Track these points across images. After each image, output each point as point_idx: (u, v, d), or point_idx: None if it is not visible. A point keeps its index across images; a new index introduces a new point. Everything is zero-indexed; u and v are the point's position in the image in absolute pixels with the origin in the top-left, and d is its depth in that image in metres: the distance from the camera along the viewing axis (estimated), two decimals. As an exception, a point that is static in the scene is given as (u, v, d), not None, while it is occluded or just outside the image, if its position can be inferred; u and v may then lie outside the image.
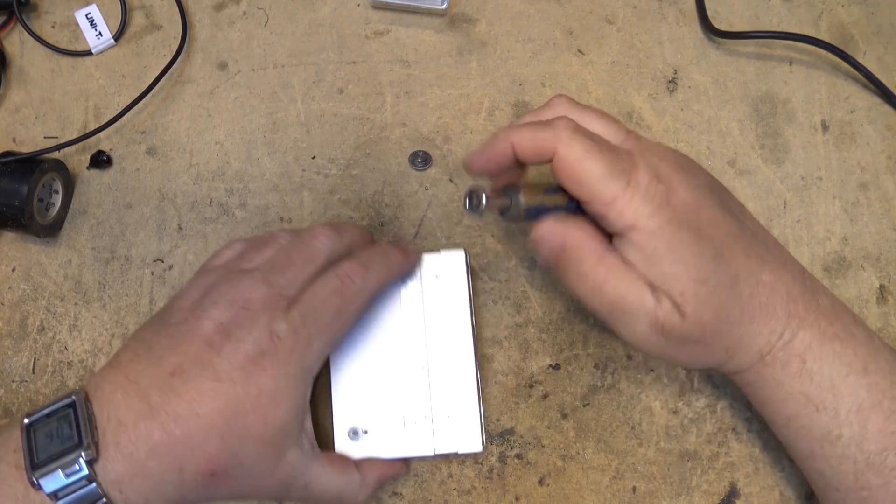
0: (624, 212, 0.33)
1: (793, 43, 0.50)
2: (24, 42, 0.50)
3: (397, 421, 0.40)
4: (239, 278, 0.36)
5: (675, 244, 0.33)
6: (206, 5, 0.51)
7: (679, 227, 0.33)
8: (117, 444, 0.32)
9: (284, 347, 0.35)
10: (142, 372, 0.34)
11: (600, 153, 0.33)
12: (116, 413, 0.33)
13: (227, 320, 0.35)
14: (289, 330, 0.35)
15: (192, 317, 0.35)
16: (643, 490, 0.41)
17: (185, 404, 0.33)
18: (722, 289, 0.34)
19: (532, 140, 0.35)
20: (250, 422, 0.34)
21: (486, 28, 0.51)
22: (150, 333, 0.36)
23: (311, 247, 0.38)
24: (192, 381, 0.33)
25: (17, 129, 0.48)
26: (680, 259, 0.33)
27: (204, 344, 0.34)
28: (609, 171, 0.33)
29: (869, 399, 0.34)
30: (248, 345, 0.34)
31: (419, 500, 0.41)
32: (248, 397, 0.34)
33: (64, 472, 0.31)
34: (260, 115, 0.48)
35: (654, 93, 0.49)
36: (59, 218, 0.46)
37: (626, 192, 0.33)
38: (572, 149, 0.33)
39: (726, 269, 0.34)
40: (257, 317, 0.35)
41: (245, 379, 0.34)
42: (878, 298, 0.45)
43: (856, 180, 0.48)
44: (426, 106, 0.49)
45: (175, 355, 0.34)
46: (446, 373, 0.41)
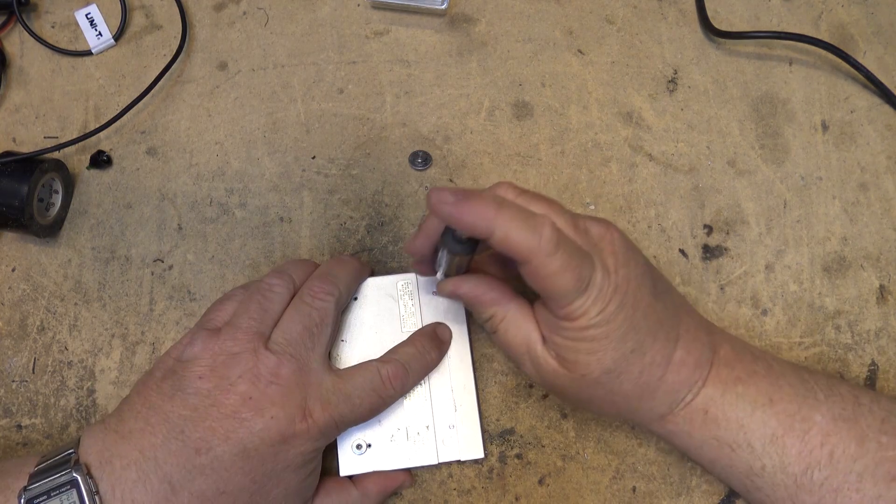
0: (574, 312, 0.33)
1: (793, 43, 0.50)
2: (24, 42, 0.50)
3: (400, 433, 0.40)
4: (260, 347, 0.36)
5: (603, 338, 0.34)
6: (206, 5, 0.51)
7: (613, 325, 0.34)
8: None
9: (317, 427, 0.35)
10: (160, 447, 0.33)
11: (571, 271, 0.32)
12: (132, 495, 0.32)
13: (258, 396, 0.34)
14: (323, 412, 0.35)
15: (216, 389, 0.34)
16: (643, 490, 0.41)
17: (212, 483, 0.32)
18: (626, 376, 0.35)
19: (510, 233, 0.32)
20: (273, 495, 0.34)
21: (486, 28, 0.51)
22: (163, 400, 0.34)
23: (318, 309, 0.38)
24: (220, 458, 0.33)
25: (17, 129, 0.48)
26: (598, 351, 0.34)
27: (233, 420, 0.33)
28: (576, 287, 0.33)
29: (780, 427, 0.35)
30: (280, 422, 0.34)
31: (419, 500, 0.41)
32: (275, 473, 0.34)
33: None
34: (260, 115, 0.48)
35: (654, 93, 0.49)
36: (59, 218, 0.46)
37: (582, 298, 0.33)
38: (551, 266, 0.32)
39: (639, 361, 0.35)
40: (290, 394, 0.35)
41: (274, 456, 0.34)
42: (878, 298, 0.45)
43: (856, 180, 0.48)
44: (426, 106, 0.49)
45: (199, 430, 0.33)
46: (446, 384, 0.41)
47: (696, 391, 0.36)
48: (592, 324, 0.33)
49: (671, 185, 0.47)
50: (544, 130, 0.48)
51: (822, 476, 0.34)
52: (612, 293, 0.33)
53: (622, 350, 0.34)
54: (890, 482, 0.34)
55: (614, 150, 0.48)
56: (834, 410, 0.35)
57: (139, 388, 0.36)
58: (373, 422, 0.40)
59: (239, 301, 0.38)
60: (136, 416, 0.34)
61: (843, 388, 0.37)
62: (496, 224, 0.32)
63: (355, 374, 0.37)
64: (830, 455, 0.34)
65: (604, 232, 0.35)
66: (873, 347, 0.44)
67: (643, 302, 0.34)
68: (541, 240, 0.32)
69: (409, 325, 0.42)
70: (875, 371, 0.44)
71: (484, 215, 0.32)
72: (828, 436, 0.35)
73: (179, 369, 0.35)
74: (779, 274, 0.46)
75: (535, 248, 0.32)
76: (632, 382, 0.35)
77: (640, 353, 0.35)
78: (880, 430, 0.35)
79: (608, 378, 0.35)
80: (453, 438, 0.40)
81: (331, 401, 0.36)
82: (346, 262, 0.41)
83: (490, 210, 0.32)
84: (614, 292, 0.33)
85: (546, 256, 0.32)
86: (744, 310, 0.45)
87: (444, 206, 0.32)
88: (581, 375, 0.35)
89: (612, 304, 0.33)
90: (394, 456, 0.40)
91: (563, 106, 0.49)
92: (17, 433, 0.42)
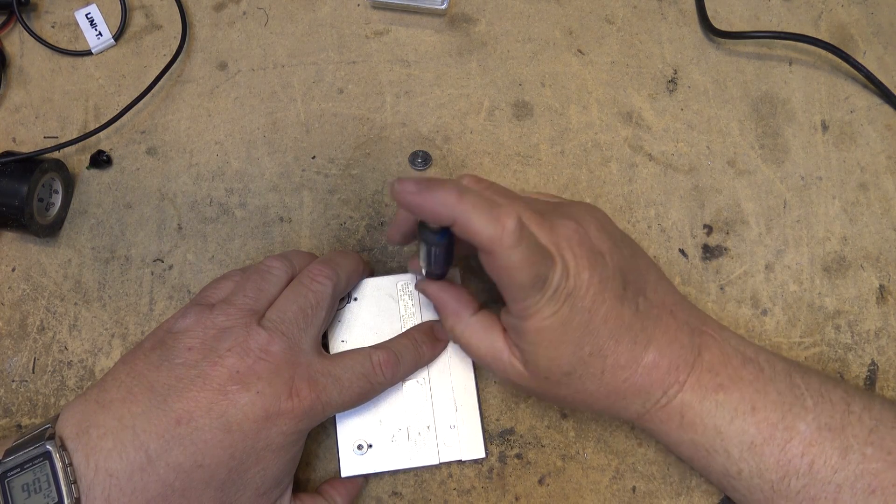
0: (528, 308, 0.33)
1: (793, 43, 0.50)
2: (24, 42, 0.50)
3: (401, 433, 0.40)
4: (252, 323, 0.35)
5: (558, 342, 0.34)
6: (206, 5, 0.51)
7: (568, 328, 0.33)
8: (107, 498, 0.31)
9: (302, 407, 0.34)
10: (139, 416, 0.32)
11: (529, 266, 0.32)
12: (106, 463, 0.31)
13: (245, 370, 0.34)
14: (310, 392, 0.35)
15: (204, 361, 0.34)
16: (643, 490, 0.41)
17: (190, 455, 0.32)
18: (588, 378, 0.35)
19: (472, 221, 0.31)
20: (251, 475, 0.33)
21: (486, 28, 0.51)
22: (149, 369, 0.34)
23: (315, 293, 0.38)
24: (201, 430, 0.32)
25: (17, 129, 0.48)
26: (556, 354, 0.34)
27: (218, 392, 0.33)
28: (533, 283, 0.32)
29: (760, 435, 0.35)
30: (266, 398, 0.33)
31: (419, 500, 0.41)
32: (255, 451, 0.33)
33: None
34: (260, 115, 0.48)
35: (654, 93, 0.49)
36: (59, 218, 0.46)
37: (536, 297, 0.33)
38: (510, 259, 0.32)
39: (600, 363, 0.34)
40: (279, 370, 0.34)
41: (256, 432, 0.33)
42: (878, 298, 0.45)
43: (856, 180, 0.48)
44: (426, 106, 0.49)
45: (182, 400, 0.32)
46: (447, 384, 0.41)
47: (672, 395, 0.35)
48: (545, 325, 0.33)
49: (671, 185, 0.47)
50: (544, 130, 0.48)
51: (799, 484, 0.34)
52: (566, 296, 0.33)
53: (579, 354, 0.34)
54: (868, 495, 0.33)
55: (614, 150, 0.48)
56: (820, 419, 0.35)
57: (126, 358, 0.35)
58: (373, 422, 0.40)
59: (236, 281, 0.38)
60: (119, 386, 0.34)
61: (835, 395, 0.36)
62: (458, 211, 0.31)
63: (346, 358, 0.37)
64: (810, 465, 0.34)
65: (572, 232, 0.34)
66: (873, 347, 0.44)
67: (605, 306, 0.34)
68: (503, 231, 0.31)
69: (409, 326, 0.42)
70: (875, 371, 0.44)
71: (445, 202, 0.31)
72: (810, 446, 0.34)
73: (169, 340, 0.35)
74: (779, 274, 0.46)
75: (496, 238, 0.31)
76: (595, 383, 0.35)
77: (599, 357, 0.34)
78: (866, 441, 0.34)
79: (569, 380, 0.35)
80: (454, 438, 0.41)
81: (319, 381, 0.35)
82: (348, 253, 0.42)
83: (451, 197, 0.31)
84: (569, 295, 0.33)
85: (507, 248, 0.31)
86: (744, 310, 0.45)
87: (406, 195, 0.32)
88: (544, 378, 0.35)
89: (565, 306, 0.33)
90: (395, 456, 0.40)
91: (563, 106, 0.49)
92: (16, 433, 0.42)
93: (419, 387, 0.41)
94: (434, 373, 0.41)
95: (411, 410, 0.41)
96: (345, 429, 0.40)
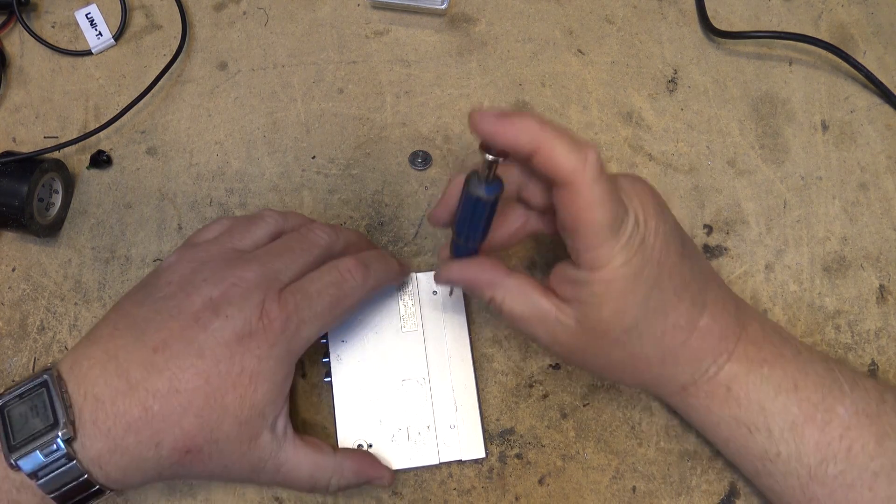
0: (600, 258, 0.32)
1: (793, 43, 0.50)
2: (24, 42, 0.50)
3: (401, 433, 0.40)
4: (232, 257, 0.36)
5: (627, 293, 0.33)
6: (206, 5, 0.51)
7: (638, 279, 0.33)
8: (94, 421, 0.32)
9: (273, 329, 0.34)
10: (122, 347, 0.34)
11: (610, 204, 0.31)
12: (93, 390, 0.33)
13: (218, 296, 0.34)
14: (280, 311, 0.35)
15: (181, 292, 0.35)
16: (643, 490, 0.41)
17: (166, 380, 0.33)
18: (647, 337, 0.34)
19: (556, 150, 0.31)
20: (229, 400, 0.34)
21: (486, 28, 0.51)
22: (134, 306, 0.36)
23: (308, 239, 0.38)
24: (175, 357, 0.33)
25: (17, 128, 0.48)
26: (622, 306, 0.33)
27: (192, 320, 0.34)
28: (610, 225, 0.32)
29: (801, 415, 0.35)
30: (236, 322, 0.34)
31: (419, 500, 0.41)
32: (230, 375, 0.34)
33: (42, 452, 0.32)
34: (260, 115, 0.48)
35: (654, 93, 0.49)
36: (59, 218, 0.46)
37: (611, 242, 0.32)
38: (592, 193, 0.31)
39: (661, 321, 0.34)
40: (249, 295, 0.34)
41: (229, 357, 0.34)
42: (878, 298, 0.45)
43: (856, 180, 0.48)
44: (426, 106, 0.49)
45: (160, 331, 0.34)
46: (447, 384, 0.41)
47: (721, 364, 0.35)
48: (617, 276, 0.32)
49: (671, 185, 0.47)
50: (544, 130, 0.48)
51: (836, 470, 0.34)
52: (640, 244, 0.32)
53: (645, 308, 0.33)
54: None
55: (614, 149, 0.48)
56: (857, 405, 0.35)
57: (118, 301, 0.37)
58: (373, 422, 0.40)
59: (225, 224, 0.39)
60: (108, 323, 0.35)
61: (868, 383, 0.36)
62: (541, 138, 0.31)
63: (311, 274, 0.37)
64: (848, 450, 0.34)
65: (633, 183, 0.34)
66: (873, 347, 0.44)
67: (670, 260, 0.33)
68: (586, 162, 0.30)
69: (409, 325, 0.42)
70: (875, 371, 0.44)
71: (528, 128, 0.31)
72: (848, 430, 0.34)
73: (153, 279, 0.37)
74: (779, 274, 0.46)
75: (579, 169, 0.30)
76: (653, 345, 0.34)
77: (662, 314, 0.34)
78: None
79: (629, 338, 0.34)
80: (454, 438, 0.41)
81: (288, 300, 0.35)
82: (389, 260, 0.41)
83: (534, 124, 0.31)
84: (641, 243, 0.32)
85: (590, 180, 0.30)
86: (744, 310, 0.45)
87: (486, 123, 0.31)
88: (602, 336, 0.34)
89: (638, 255, 0.32)
90: (395, 456, 0.40)
91: (563, 106, 0.49)
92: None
93: (419, 387, 0.41)
94: (434, 373, 0.41)
95: (411, 410, 0.41)
96: (345, 429, 0.40)
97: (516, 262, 0.45)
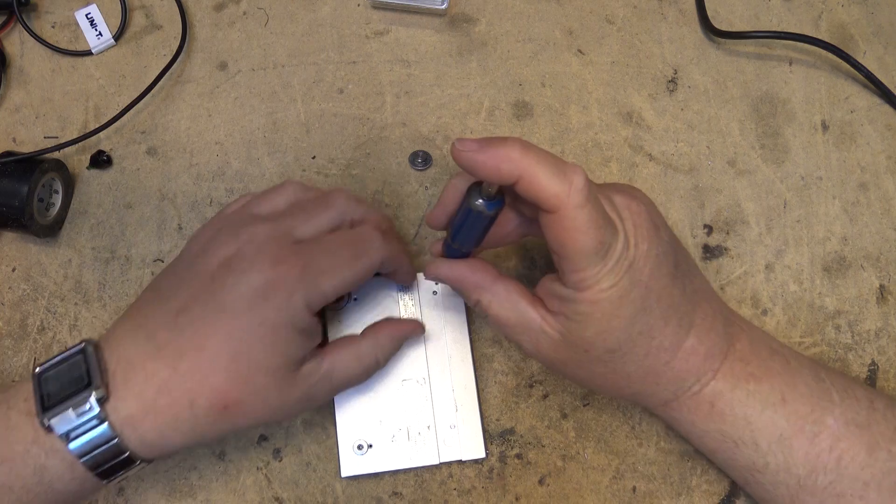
0: (586, 279, 0.32)
1: (793, 43, 0.50)
2: (24, 42, 0.50)
3: (401, 433, 0.40)
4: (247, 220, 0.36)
5: (612, 315, 0.33)
6: (206, 5, 0.51)
7: (624, 301, 0.32)
8: (126, 382, 0.33)
9: (290, 279, 0.34)
10: (149, 315, 0.35)
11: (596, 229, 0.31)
12: (126, 354, 0.33)
13: (232, 254, 0.34)
14: (296, 262, 0.34)
15: (200, 257, 0.35)
16: (643, 490, 0.41)
17: (189, 339, 0.33)
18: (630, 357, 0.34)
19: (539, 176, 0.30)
20: (256, 353, 0.33)
21: (486, 28, 0.51)
22: (161, 279, 0.37)
23: (324, 201, 0.37)
24: (196, 317, 0.33)
25: (17, 129, 0.48)
26: (606, 328, 0.33)
27: (209, 280, 0.34)
28: (597, 249, 0.31)
29: (789, 428, 0.34)
30: (252, 276, 0.34)
31: (419, 500, 0.41)
32: (252, 329, 0.33)
33: (75, 412, 0.32)
34: (260, 115, 0.48)
35: (654, 93, 0.49)
36: (59, 218, 0.46)
37: (598, 266, 0.32)
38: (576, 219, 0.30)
39: (646, 343, 0.34)
40: (263, 248, 0.34)
41: (248, 311, 0.33)
42: (878, 298, 0.45)
43: (856, 180, 0.48)
44: (426, 106, 0.49)
45: (181, 295, 0.34)
46: (447, 384, 0.41)
47: (705, 382, 0.35)
48: (603, 297, 0.32)
49: (671, 185, 0.47)
50: (544, 130, 0.48)
51: (826, 480, 0.34)
52: (628, 268, 0.32)
53: (629, 330, 0.33)
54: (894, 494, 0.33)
55: (614, 150, 0.48)
56: (847, 414, 0.35)
57: None
58: (373, 422, 0.40)
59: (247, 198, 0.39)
60: (139, 299, 0.37)
61: (858, 391, 0.36)
62: (524, 165, 0.30)
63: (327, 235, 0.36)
64: (838, 460, 0.34)
65: (628, 202, 0.34)
66: (873, 347, 0.44)
67: (659, 283, 0.33)
68: (571, 187, 0.30)
69: None
70: (875, 371, 0.44)
71: (510, 157, 0.30)
72: (838, 440, 0.34)
73: (181, 254, 0.38)
74: (779, 274, 0.46)
75: (563, 196, 0.30)
76: (636, 364, 0.34)
77: (647, 336, 0.34)
78: (892, 440, 0.34)
79: (611, 357, 0.34)
80: (454, 438, 0.41)
81: (304, 250, 0.35)
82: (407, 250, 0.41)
83: (516, 151, 0.30)
84: (630, 267, 0.32)
85: (574, 207, 0.30)
86: (744, 310, 0.45)
87: (468, 154, 0.31)
88: (584, 352, 0.34)
89: (625, 279, 0.32)
90: (395, 456, 0.40)
91: (563, 106, 0.49)
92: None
93: (419, 387, 0.41)
94: (434, 372, 0.41)
95: (411, 410, 0.41)
96: (345, 429, 0.40)
97: (515, 262, 0.45)
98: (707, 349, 0.35)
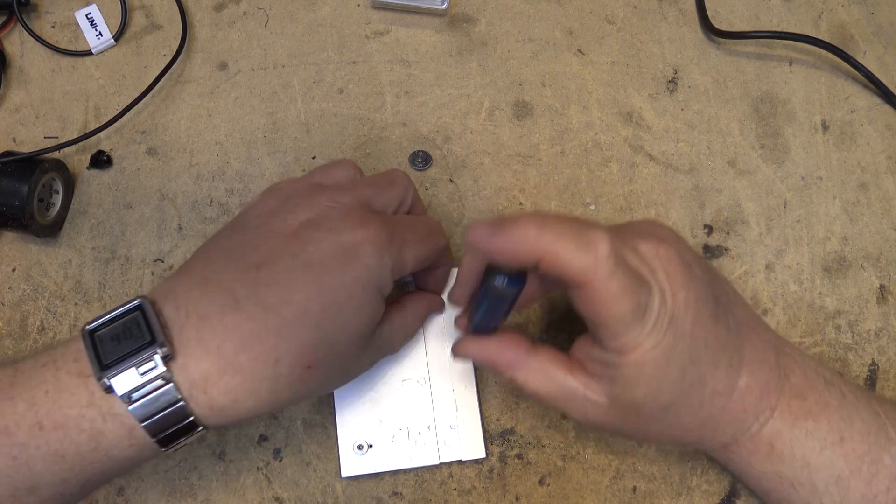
0: (628, 343, 0.30)
1: (793, 43, 0.50)
2: (24, 42, 0.50)
3: (401, 433, 0.40)
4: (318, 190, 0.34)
5: (661, 375, 0.31)
6: (206, 5, 0.51)
7: (671, 358, 0.31)
8: (201, 339, 0.29)
9: (381, 239, 0.32)
10: (220, 271, 0.31)
11: (631, 293, 0.29)
12: (197, 308, 0.30)
13: (315, 217, 0.32)
14: (384, 227, 0.32)
15: (273, 219, 0.33)
16: (643, 490, 0.41)
17: (276, 293, 0.30)
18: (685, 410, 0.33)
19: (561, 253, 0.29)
20: (345, 311, 0.31)
21: (486, 28, 0.51)
22: (223, 240, 0.34)
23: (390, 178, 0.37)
24: (283, 270, 0.31)
25: (17, 129, 0.48)
26: (656, 388, 0.31)
27: (292, 237, 0.32)
28: (634, 313, 0.30)
29: (847, 468, 0.33)
30: (342, 233, 0.31)
31: (419, 500, 0.41)
32: (344, 286, 0.31)
33: (139, 370, 0.29)
34: (260, 115, 0.48)
35: (655, 93, 0.49)
36: (59, 218, 0.46)
37: (637, 329, 0.30)
38: (608, 289, 0.29)
39: (699, 393, 0.32)
40: (349, 211, 0.32)
41: (339, 267, 0.31)
42: (878, 298, 0.45)
43: (856, 180, 0.48)
44: (426, 106, 0.49)
45: (259, 251, 0.31)
46: (447, 384, 0.41)
47: (763, 422, 0.34)
48: (648, 359, 0.30)
49: (671, 185, 0.47)
50: (544, 130, 0.48)
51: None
52: (669, 322, 0.30)
53: (681, 385, 0.31)
54: None
55: (614, 150, 0.48)
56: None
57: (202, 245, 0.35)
58: (374, 422, 0.40)
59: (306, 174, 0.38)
60: (198, 258, 0.33)
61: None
62: (543, 244, 0.29)
63: None
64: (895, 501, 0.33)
65: (655, 249, 0.32)
66: (873, 347, 0.44)
67: (703, 328, 0.31)
68: (597, 258, 0.28)
69: None
70: (875, 371, 0.44)
71: (526, 238, 0.29)
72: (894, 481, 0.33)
73: (238, 220, 0.35)
74: (779, 274, 0.46)
75: (590, 268, 0.28)
76: (691, 416, 0.33)
77: (700, 386, 0.32)
78: None
79: (664, 414, 0.32)
80: (455, 438, 0.41)
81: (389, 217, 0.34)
82: None
83: (531, 231, 0.29)
84: (671, 321, 0.30)
85: (604, 278, 0.29)
86: (744, 310, 0.45)
87: (481, 242, 0.30)
88: (636, 414, 0.32)
89: (668, 334, 0.30)
90: (395, 456, 0.40)
91: (563, 106, 0.49)
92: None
93: (419, 387, 0.41)
94: (434, 373, 0.41)
95: (411, 410, 0.41)
96: (345, 429, 0.40)
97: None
98: (762, 386, 0.34)
